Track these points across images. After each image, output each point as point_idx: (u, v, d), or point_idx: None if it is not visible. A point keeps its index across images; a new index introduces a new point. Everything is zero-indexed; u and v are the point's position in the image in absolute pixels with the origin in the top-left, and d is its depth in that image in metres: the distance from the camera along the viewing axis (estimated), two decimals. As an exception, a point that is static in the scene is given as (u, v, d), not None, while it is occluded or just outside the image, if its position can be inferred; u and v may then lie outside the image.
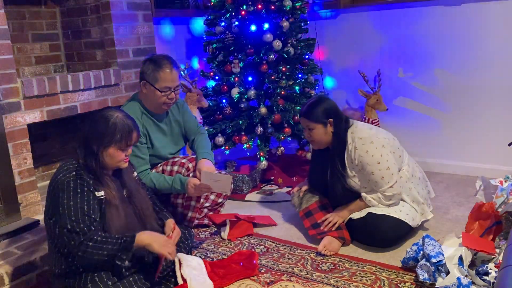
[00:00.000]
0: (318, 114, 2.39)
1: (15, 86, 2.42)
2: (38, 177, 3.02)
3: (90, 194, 1.78)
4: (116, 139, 1.82)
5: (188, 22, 3.82)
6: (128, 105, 2.52)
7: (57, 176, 1.80)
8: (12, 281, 2.05)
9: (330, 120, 2.39)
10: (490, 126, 3.29)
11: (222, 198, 2.85)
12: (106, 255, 1.75)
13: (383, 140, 2.37)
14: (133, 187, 1.99)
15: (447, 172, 3.50)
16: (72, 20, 3.12)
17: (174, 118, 2.66)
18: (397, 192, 2.36)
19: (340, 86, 3.94)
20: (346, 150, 2.40)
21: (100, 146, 1.81)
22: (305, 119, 2.42)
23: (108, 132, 1.81)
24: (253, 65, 3.36)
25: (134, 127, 1.87)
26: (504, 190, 2.20)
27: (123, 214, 1.87)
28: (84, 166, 1.82)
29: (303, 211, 2.59)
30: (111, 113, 1.85)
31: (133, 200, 1.96)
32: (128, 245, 1.78)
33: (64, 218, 1.73)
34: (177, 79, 2.46)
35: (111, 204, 1.84)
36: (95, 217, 1.77)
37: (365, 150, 2.33)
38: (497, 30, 3.14)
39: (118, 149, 1.84)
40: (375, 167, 2.32)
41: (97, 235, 1.74)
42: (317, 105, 2.41)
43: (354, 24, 3.75)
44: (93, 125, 1.84)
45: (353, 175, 2.42)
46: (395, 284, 2.05)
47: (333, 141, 2.43)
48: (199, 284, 1.99)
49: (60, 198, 1.75)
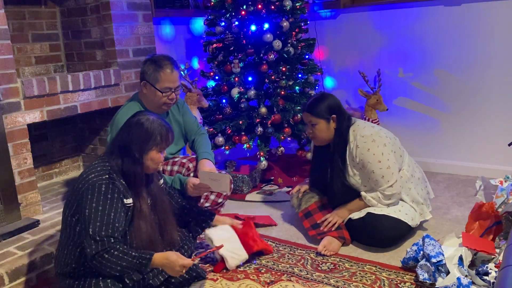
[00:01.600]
0: (322, 109, 2.39)
1: (15, 86, 2.42)
2: (38, 177, 3.02)
3: (119, 201, 1.76)
4: (157, 141, 1.83)
5: (188, 22, 3.82)
6: (128, 105, 2.51)
7: (89, 175, 1.77)
8: (12, 281, 2.05)
9: (333, 116, 2.40)
10: (490, 126, 3.29)
11: (222, 198, 2.85)
12: (119, 271, 1.72)
13: (384, 139, 2.37)
14: (157, 195, 1.99)
15: (447, 172, 3.50)
16: (72, 20, 3.12)
17: (174, 118, 2.66)
18: (397, 191, 2.36)
19: (340, 86, 3.94)
20: (347, 147, 2.41)
21: (143, 151, 1.82)
22: (309, 114, 2.42)
23: (148, 136, 1.82)
24: (253, 65, 3.35)
25: (169, 127, 1.89)
26: (504, 190, 2.20)
27: (149, 224, 1.87)
28: (119, 171, 1.81)
29: (302, 211, 2.59)
30: (144, 117, 1.86)
31: (156, 209, 1.96)
32: (144, 267, 1.76)
33: (89, 221, 1.70)
34: (177, 80, 2.46)
35: (141, 214, 1.83)
36: (118, 225, 1.74)
37: (367, 148, 2.33)
38: (497, 30, 3.14)
39: (159, 151, 1.85)
40: (376, 165, 2.32)
41: (115, 249, 1.70)
42: (321, 101, 2.42)
43: (354, 24, 3.75)
44: (129, 130, 1.84)
45: (353, 173, 2.42)
46: (395, 284, 2.05)
47: (334, 138, 2.43)
48: (234, 259, 2.24)
49: (89, 200, 1.72)
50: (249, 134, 3.32)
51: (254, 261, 2.33)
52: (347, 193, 2.46)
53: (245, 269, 2.27)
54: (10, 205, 2.42)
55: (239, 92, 3.28)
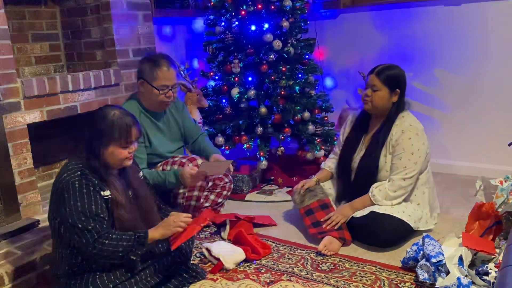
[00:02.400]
0: (391, 78, 2.40)
1: (15, 86, 2.42)
2: (38, 177, 3.02)
3: (97, 194, 1.77)
4: (115, 137, 1.80)
5: (188, 22, 3.82)
6: (126, 105, 2.53)
7: (61, 176, 1.78)
8: (12, 281, 2.05)
9: (397, 90, 2.41)
10: (490, 126, 3.29)
11: (222, 198, 2.86)
12: (121, 251, 1.75)
13: (425, 139, 2.43)
14: (138, 187, 1.99)
15: (447, 172, 3.50)
16: (72, 20, 3.12)
17: (172, 117, 2.67)
18: (406, 187, 2.38)
19: (340, 86, 3.94)
20: (391, 129, 2.43)
21: (101, 146, 1.80)
22: (376, 77, 2.41)
23: (106, 130, 1.80)
24: (253, 65, 3.35)
25: (133, 124, 1.85)
26: (504, 190, 2.20)
27: (130, 214, 1.87)
28: (88, 166, 1.81)
29: (303, 208, 2.59)
30: (108, 111, 1.84)
31: (138, 201, 1.96)
32: (142, 240, 1.79)
33: (72, 218, 1.71)
34: (174, 78, 2.47)
35: (118, 204, 1.83)
36: (103, 216, 1.76)
37: (409, 137, 2.38)
38: (497, 30, 3.14)
39: (119, 147, 1.82)
40: (406, 155, 2.36)
41: (111, 232, 1.75)
42: (393, 70, 2.43)
43: (354, 24, 3.75)
44: (92, 124, 1.84)
45: (384, 154, 2.44)
46: (395, 284, 2.05)
47: (390, 111, 2.43)
48: (231, 256, 2.24)
49: (66, 198, 1.73)
50: (249, 134, 3.32)
51: (254, 261, 2.33)
52: (369, 171, 2.46)
53: (245, 269, 2.27)
54: (10, 205, 2.42)
55: (239, 92, 3.28)
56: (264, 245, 2.45)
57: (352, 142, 2.59)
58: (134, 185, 1.98)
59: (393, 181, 2.38)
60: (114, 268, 1.83)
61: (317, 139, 3.37)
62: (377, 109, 2.46)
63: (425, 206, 2.48)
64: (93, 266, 1.81)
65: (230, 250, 2.30)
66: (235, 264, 2.26)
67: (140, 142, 2.45)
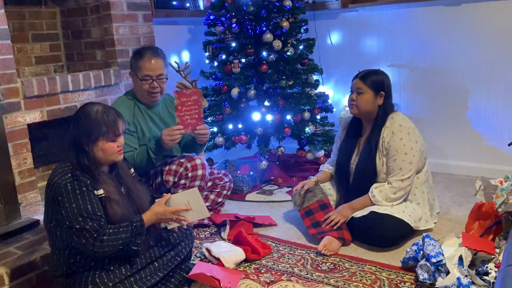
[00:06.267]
0: (375, 81, 2.44)
1: (15, 86, 2.42)
2: (38, 177, 3.01)
3: (90, 193, 1.77)
4: (103, 131, 1.81)
5: (188, 22, 3.82)
6: (121, 97, 2.61)
7: (52, 179, 1.78)
8: (12, 281, 2.05)
9: (382, 93, 2.44)
10: (490, 126, 3.29)
11: (222, 197, 2.86)
12: (121, 244, 1.77)
13: (418, 137, 2.44)
14: (130, 183, 1.99)
15: (447, 172, 3.50)
16: (72, 20, 3.12)
17: (168, 111, 2.68)
18: (404, 188, 2.38)
19: (340, 86, 3.94)
20: (382, 131, 2.45)
21: (89, 143, 1.80)
22: (361, 81, 2.46)
23: (93, 127, 1.80)
24: (253, 65, 3.35)
25: (117, 116, 1.86)
26: (504, 190, 2.20)
27: (124, 209, 1.88)
28: (78, 166, 1.81)
29: (303, 209, 2.59)
30: (91, 108, 1.84)
31: (132, 197, 1.96)
32: (140, 229, 1.81)
33: (69, 220, 1.72)
34: (159, 68, 2.47)
35: (112, 200, 1.83)
36: (100, 214, 1.77)
37: (400, 138, 2.38)
38: (497, 30, 3.14)
39: (108, 141, 1.83)
40: (400, 156, 2.37)
41: (108, 228, 1.77)
42: (377, 74, 2.48)
43: (354, 24, 3.76)
44: (76, 123, 1.83)
45: (379, 157, 2.45)
46: (395, 284, 2.05)
47: (377, 114, 2.46)
48: (231, 256, 2.25)
49: (60, 202, 1.73)
50: (249, 134, 3.32)
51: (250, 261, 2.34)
52: (367, 176, 2.47)
53: (245, 269, 2.27)
54: (10, 205, 2.42)
55: (239, 92, 3.28)
56: (264, 245, 2.45)
57: (347, 147, 2.61)
58: (126, 181, 1.98)
59: (392, 183, 2.38)
60: (114, 267, 1.83)
61: (317, 139, 3.37)
62: (363, 112, 2.48)
63: (425, 206, 2.49)
64: (92, 264, 1.82)
65: (230, 250, 2.31)
66: (235, 264, 2.26)
67: (132, 132, 2.46)
